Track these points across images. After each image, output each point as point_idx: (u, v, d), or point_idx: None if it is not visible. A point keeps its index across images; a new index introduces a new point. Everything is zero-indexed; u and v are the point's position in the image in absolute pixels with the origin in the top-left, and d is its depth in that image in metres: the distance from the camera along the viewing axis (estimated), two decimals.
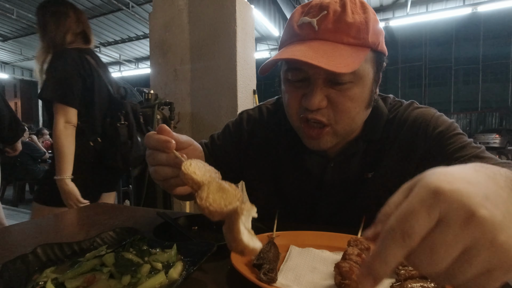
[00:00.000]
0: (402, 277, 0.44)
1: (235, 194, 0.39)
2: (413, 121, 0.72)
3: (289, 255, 0.54)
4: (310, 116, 0.63)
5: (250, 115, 0.87)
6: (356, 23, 0.59)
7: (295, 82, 0.65)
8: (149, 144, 0.50)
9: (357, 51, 0.59)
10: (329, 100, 0.62)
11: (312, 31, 0.60)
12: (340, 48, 0.58)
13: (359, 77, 0.61)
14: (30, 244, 0.63)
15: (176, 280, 0.42)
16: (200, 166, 0.43)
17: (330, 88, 0.62)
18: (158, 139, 0.48)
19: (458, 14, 10.04)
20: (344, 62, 0.56)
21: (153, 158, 0.50)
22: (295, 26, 0.63)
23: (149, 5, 8.91)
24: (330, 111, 0.63)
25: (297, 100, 0.65)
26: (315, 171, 0.76)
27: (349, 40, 0.59)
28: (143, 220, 0.84)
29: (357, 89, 0.62)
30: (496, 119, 21.42)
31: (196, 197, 0.38)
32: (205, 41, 2.39)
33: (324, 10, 0.60)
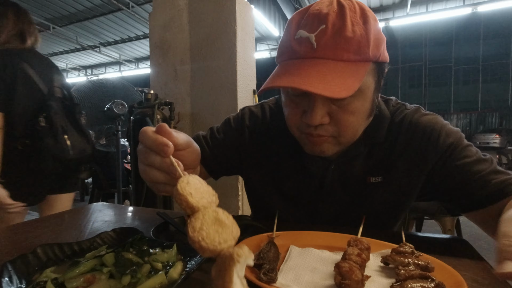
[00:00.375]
0: (402, 277, 0.44)
1: (232, 230, 0.35)
2: (423, 129, 0.71)
3: (289, 255, 0.54)
4: (313, 132, 0.62)
5: (252, 111, 0.86)
6: (356, 37, 0.56)
7: (295, 97, 0.64)
8: (143, 141, 0.44)
9: (357, 68, 0.57)
10: (330, 116, 0.61)
11: (310, 49, 0.57)
12: (340, 67, 0.56)
13: (360, 91, 0.59)
14: (30, 244, 0.63)
15: (176, 280, 0.42)
16: (198, 187, 0.38)
17: (331, 104, 0.60)
18: (155, 140, 0.42)
19: (458, 14, 10.02)
20: (344, 84, 0.54)
21: (146, 158, 0.44)
22: (293, 40, 0.60)
23: (149, 5, 8.91)
24: (332, 127, 0.62)
25: (298, 116, 0.64)
26: (316, 173, 0.76)
27: (349, 56, 0.56)
28: (143, 220, 0.84)
29: (358, 103, 0.61)
30: (496, 119, 21.41)
31: (187, 224, 0.34)
32: (205, 41, 2.39)
33: (323, 23, 0.56)
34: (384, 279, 0.47)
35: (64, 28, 10.86)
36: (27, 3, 8.41)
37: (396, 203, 0.75)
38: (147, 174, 0.45)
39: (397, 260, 0.48)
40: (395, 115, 0.75)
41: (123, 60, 15.32)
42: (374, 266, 0.52)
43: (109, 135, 2.69)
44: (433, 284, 0.41)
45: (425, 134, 0.70)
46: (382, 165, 0.73)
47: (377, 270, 0.51)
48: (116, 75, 16.89)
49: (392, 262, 0.50)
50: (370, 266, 0.51)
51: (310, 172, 0.77)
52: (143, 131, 0.44)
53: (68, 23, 10.61)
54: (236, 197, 2.31)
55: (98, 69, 18.06)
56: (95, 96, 2.57)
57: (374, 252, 0.55)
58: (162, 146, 0.42)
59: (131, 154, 2.33)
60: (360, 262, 0.46)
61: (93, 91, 2.57)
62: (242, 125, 0.84)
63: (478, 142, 18.30)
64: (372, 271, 0.50)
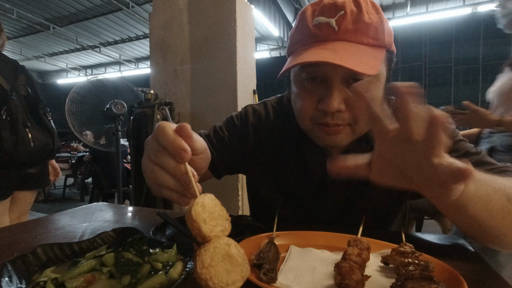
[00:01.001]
0: (402, 277, 0.44)
1: (242, 268, 0.33)
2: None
3: (289, 255, 0.54)
4: (330, 121, 0.62)
5: (255, 109, 0.86)
6: (373, 23, 0.59)
7: (310, 83, 0.63)
8: (160, 138, 0.39)
9: (376, 52, 0.59)
10: (346, 103, 0.61)
11: (332, 32, 0.59)
12: (362, 49, 0.58)
13: (376, 77, 0.61)
14: (30, 244, 0.63)
15: (176, 280, 0.42)
16: (212, 211, 0.35)
17: (347, 90, 0.60)
18: (174, 142, 0.38)
19: (458, 14, 10.03)
20: (369, 64, 0.56)
21: (157, 157, 0.40)
22: (311, 26, 0.61)
23: (149, 5, 8.90)
24: (349, 114, 0.62)
25: (313, 105, 0.63)
26: (318, 171, 0.76)
27: (368, 40, 0.59)
28: (143, 220, 0.84)
29: (374, 89, 0.62)
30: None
31: (196, 255, 0.32)
32: (205, 41, 2.39)
33: (341, 10, 0.58)
34: (384, 279, 0.47)
35: (64, 28, 10.85)
36: (27, 3, 8.41)
37: (394, 198, 0.75)
38: (155, 175, 0.40)
39: (397, 260, 0.48)
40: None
41: (123, 60, 15.32)
42: (374, 266, 0.52)
43: (109, 135, 2.69)
44: (433, 284, 0.41)
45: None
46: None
47: (377, 270, 0.51)
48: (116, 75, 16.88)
49: (392, 262, 0.50)
50: (370, 266, 0.51)
51: (311, 170, 0.77)
52: (162, 127, 0.39)
53: (68, 23, 10.60)
54: (236, 197, 2.31)
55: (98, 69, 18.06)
56: (94, 96, 2.57)
57: (374, 252, 0.55)
58: (180, 151, 0.38)
59: (131, 154, 2.33)
60: (360, 262, 0.46)
61: (92, 91, 2.57)
62: (247, 122, 0.84)
63: None
64: (372, 271, 0.50)
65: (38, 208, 4.81)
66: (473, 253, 0.59)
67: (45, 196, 5.27)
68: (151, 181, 0.42)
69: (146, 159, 0.42)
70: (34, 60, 15.58)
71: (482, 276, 0.49)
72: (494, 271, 0.50)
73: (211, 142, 0.84)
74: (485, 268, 0.52)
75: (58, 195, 5.85)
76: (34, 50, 13.95)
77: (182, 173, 0.38)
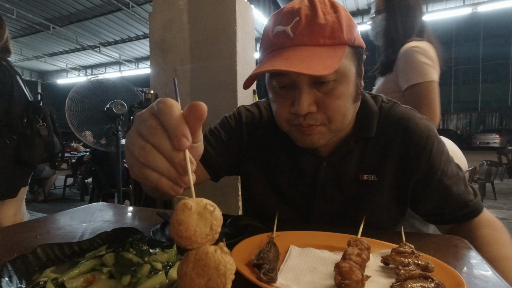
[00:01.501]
0: (402, 277, 0.44)
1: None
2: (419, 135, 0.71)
3: (289, 255, 0.54)
4: (303, 122, 0.64)
5: (248, 110, 0.88)
6: (329, 23, 0.60)
7: (281, 89, 0.66)
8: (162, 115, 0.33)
9: (334, 51, 0.60)
10: (317, 104, 0.63)
11: (288, 39, 0.61)
12: (318, 51, 0.59)
13: (342, 74, 0.62)
14: (30, 244, 0.64)
15: (176, 280, 0.42)
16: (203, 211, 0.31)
17: (317, 91, 0.63)
18: (179, 126, 0.32)
19: (458, 14, 10.03)
20: (323, 64, 0.57)
21: (151, 134, 0.33)
22: (271, 36, 0.64)
23: (149, 5, 8.91)
24: (321, 115, 0.64)
25: (287, 108, 0.66)
26: (309, 171, 0.77)
27: (325, 41, 0.60)
28: (143, 220, 0.84)
29: (342, 87, 0.63)
30: (496, 119, 21.42)
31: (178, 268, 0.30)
32: (205, 41, 2.39)
33: (296, 16, 0.60)
34: (384, 279, 0.47)
35: (64, 28, 10.86)
36: (27, 3, 8.42)
37: (391, 205, 0.75)
38: (145, 153, 0.33)
39: (397, 260, 0.49)
40: (388, 111, 0.75)
41: (123, 60, 15.32)
42: (374, 266, 0.52)
43: (109, 135, 2.69)
44: (433, 284, 0.41)
45: (421, 141, 0.70)
46: (375, 163, 0.73)
47: (377, 270, 0.51)
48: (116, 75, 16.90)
49: (392, 262, 0.50)
50: (370, 266, 0.51)
51: (303, 171, 0.77)
52: (170, 104, 0.33)
53: (68, 23, 10.62)
54: (236, 197, 2.31)
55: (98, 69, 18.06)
56: (95, 96, 2.58)
57: (374, 252, 0.55)
58: (181, 137, 0.32)
59: None
60: (360, 262, 0.46)
61: (92, 90, 2.58)
62: (240, 122, 0.85)
63: (478, 142, 18.29)
64: (372, 271, 0.50)
65: (38, 208, 4.81)
66: (473, 253, 0.59)
67: (45, 196, 5.27)
68: (137, 160, 0.34)
69: (134, 134, 0.34)
70: (34, 60, 15.59)
71: (482, 276, 0.49)
72: (493, 270, 0.50)
73: (208, 141, 0.84)
74: (485, 268, 0.52)
75: (58, 195, 5.85)
76: (34, 50, 13.96)
77: (180, 158, 0.33)
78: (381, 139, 0.73)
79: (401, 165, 0.72)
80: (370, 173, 0.73)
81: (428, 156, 0.70)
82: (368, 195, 0.73)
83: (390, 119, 0.74)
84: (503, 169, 7.49)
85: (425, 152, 0.70)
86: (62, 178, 5.81)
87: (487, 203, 4.99)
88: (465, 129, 21.73)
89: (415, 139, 0.71)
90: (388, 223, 0.77)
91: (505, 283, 0.46)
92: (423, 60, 1.23)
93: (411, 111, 0.75)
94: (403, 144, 0.72)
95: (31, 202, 5.15)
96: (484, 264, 0.53)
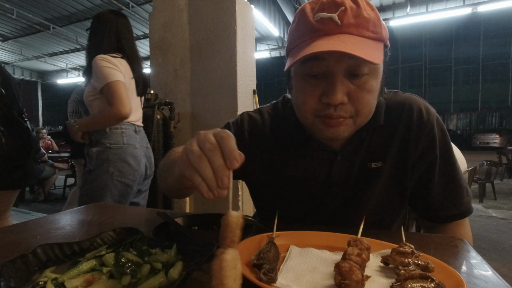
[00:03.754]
0: (402, 277, 0.44)
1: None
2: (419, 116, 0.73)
3: (289, 255, 0.54)
4: (334, 113, 0.63)
5: (251, 116, 0.87)
6: (371, 18, 0.61)
7: (312, 78, 0.64)
8: (224, 142, 0.42)
9: (377, 45, 0.62)
10: (348, 96, 0.63)
11: (335, 26, 0.60)
12: (365, 42, 0.60)
13: (375, 69, 0.63)
14: (30, 244, 0.63)
15: (176, 280, 0.42)
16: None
17: (350, 83, 0.62)
18: (234, 150, 0.42)
19: (458, 14, 10.03)
20: (374, 54, 0.58)
21: (209, 150, 0.42)
22: (313, 22, 0.62)
23: (149, 5, 8.91)
24: (351, 106, 0.64)
25: (316, 98, 0.64)
26: (323, 168, 0.76)
27: (369, 34, 0.61)
28: (143, 220, 0.84)
29: (374, 81, 0.64)
30: (496, 119, 21.41)
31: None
32: (205, 41, 2.39)
33: (341, 5, 0.60)
34: (384, 279, 0.47)
35: (64, 28, 10.85)
36: (27, 3, 8.41)
37: (393, 188, 0.76)
38: (199, 161, 0.42)
39: (397, 260, 0.48)
40: (391, 99, 0.77)
41: None
42: (374, 266, 0.52)
43: None
44: (433, 284, 0.41)
45: (422, 118, 0.73)
46: (381, 149, 0.74)
47: (377, 270, 0.51)
48: None
49: (392, 262, 0.50)
50: (370, 266, 0.51)
51: (315, 169, 0.77)
52: (228, 134, 0.43)
53: (68, 23, 10.61)
54: (236, 197, 2.31)
55: None
56: None
57: (374, 252, 0.55)
58: (233, 159, 0.42)
59: None
60: (360, 262, 0.46)
61: None
62: (242, 129, 0.85)
63: (478, 142, 18.29)
64: (372, 271, 0.50)
65: (38, 208, 4.81)
66: (473, 253, 0.59)
67: (45, 196, 5.27)
68: (190, 164, 0.43)
69: (195, 145, 0.43)
70: (34, 60, 15.58)
71: (482, 276, 0.49)
72: (493, 270, 0.50)
73: None
74: (485, 268, 0.52)
75: (58, 195, 5.84)
76: (34, 50, 13.95)
77: (225, 175, 0.41)
78: (387, 126, 0.74)
79: (404, 145, 0.73)
80: (377, 161, 0.74)
81: (429, 131, 0.72)
82: (373, 181, 0.74)
83: (394, 105, 0.75)
84: (503, 169, 7.49)
85: (427, 128, 0.72)
86: (62, 178, 5.80)
87: (487, 203, 4.99)
88: (465, 129, 21.73)
89: (416, 117, 0.73)
90: (389, 210, 0.78)
91: (505, 283, 0.46)
92: (105, 65, 1.52)
93: (412, 96, 0.77)
94: (406, 125, 0.73)
95: (31, 202, 5.15)
96: (484, 264, 0.53)
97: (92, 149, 1.62)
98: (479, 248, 0.70)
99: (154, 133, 2.19)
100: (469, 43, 21.81)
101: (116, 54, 1.62)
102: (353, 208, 0.76)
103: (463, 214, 0.75)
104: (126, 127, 1.65)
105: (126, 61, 1.65)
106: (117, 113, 1.48)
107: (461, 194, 0.75)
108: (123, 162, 1.60)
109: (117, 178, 1.59)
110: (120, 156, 1.60)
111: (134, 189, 1.69)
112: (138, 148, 1.67)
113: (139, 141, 1.71)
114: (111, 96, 1.49)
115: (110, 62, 1.54)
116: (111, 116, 1.51)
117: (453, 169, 0.75)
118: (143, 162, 1.71)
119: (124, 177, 1.61)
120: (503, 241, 3.30)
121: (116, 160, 1.59)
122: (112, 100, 1.49)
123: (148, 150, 1.81)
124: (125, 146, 1.62)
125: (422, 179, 0.75)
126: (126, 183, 1.62)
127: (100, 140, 1.61)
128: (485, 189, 5.17)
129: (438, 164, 0.73)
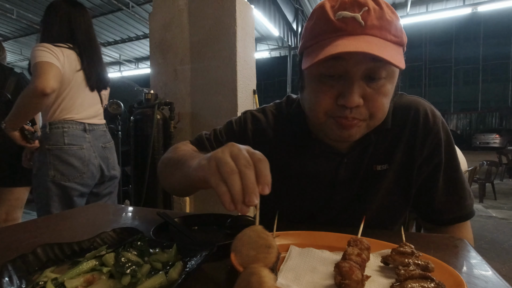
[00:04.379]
0: (402, 277, 0.44)
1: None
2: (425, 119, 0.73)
3: (289, 255, 0.54)
4: (349, 115, 0.62)
5: (254, 115, 0.85)
6: (393, 21, 0.60)
7: (328, 79, 0.63)
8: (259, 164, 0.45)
9: (398, 49, 0.61)
10: (364, 99, 0.62)
11: (358, 26, 0.58)
12: (389, 45, 0.59)
13: (393, 74, 0.62)
14: (30, 244, 0.63)
15: (176, 280, 0.42)
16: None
17: (366, 86, 0.61)
18: (268, 174, 0.45)
19: (458, 14, 10.02)
20: (398, 58, 0.57)
21: (243, 165, 0.44)
22: (334, 20, 0.60)
23: (149, 5, 8.90)
24: (366, 109, 0.63)
25: (331, 99, 0.63)
26: (329, 170, 0.76)
27: (391, 37, 0.60)
28: (143, 220, 0.84)
29: (390, 85, 0.63)
30: (496, 119, 21.41)
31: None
32: (205, 41, 2.39)
33: (364, 6, 0.59)
34: (384, 279, 0.47)
35: None
36: (27, 3, 8.42)
37: (397, 189, 0.75)
38: (230, 173, 0.43)
39: (397, 260, 0.48)
40: (397, 101, 0.76)
41: (123, 60, 15.32)
42: (374, 266, 0.52)
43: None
44: (433, 284, 0.41)
45: (428, 122, 0.73)
46: (387, 152, 0.74)
47: (377, 270, 0.51)
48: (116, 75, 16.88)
49: (392, 262, 0.50)
50: (370, 266, 0.51)
51: (321, 171, 0.77)
52: (265, 159, 0.46)
53: None
54: None
55: None
56: None
57: (374, 252, 0.55)
58: (265, 184, 0.44)
59: (131, 154, 2.32)
60: (360, 262, 0.46)
61: None
62: (245, 128, 0.84)
63: (478, 142, 18.29)
64: (372, 271, 0.50)
65: None
66: (473, 253, 0.59)
67: None
68: (219, 173, 0.44)
69: (227, 157, 0.45)
70: None
71: (482, 276, 0.49)
72: (493, 270, 0.50)
73: (212, 146, 0.83)
74: (485, 268, 0.52)
75: None
76: None
77: (254, 193, 0.42)
78: (393, 129, 0.74)
79: (410, 148, 0.73)
80: (383, 163, 0.74)
81: (435, 135, 0.72)
82: (378, 183, 0.74)
83: (400, 108, 0.75)
84: (503, 169, 7.49)
85: (432, 132, 0.72)
86: None
87: (487, 203, 4.99)
88: (465, 129, 21.74)
89: (422, 121, 0.73)
90: (392, 213, 0.78)
91: (505, 283, 0.46)
92: (40, 49, 1.41)
93: (418, 98, 0.77)
94: (412, 128, 0.73)
95: (31, 202, 5.15)
96: (484, 264, 0.53)
97: (36, 152, 1.52)
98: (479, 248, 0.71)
99: (154, 133, 2.20)
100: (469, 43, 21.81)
101: (63, 45, 1.50)
102: (356, 210, 0.76)
103: (466, 216, 0.75)
104: (69, 126, 1.50)
105: (75, 52, 1.54)
106: (34, 88, 1.33)
107: (464, 197, 0.75)
108: (66, 164, 1.46)
109: (59, 182, 1.46)
110: (61, 157, 1.46)
111: (84, 193, 1.54)
112: (85, 149, 1.53)
113: (90, 140, 1.56)
114: (33, 74, 1.36)
115: (47, 48, 1.41)
116: (29, 93, 1.36)
117: (457, 172, 0.74)
118: (95, 164, 1.56)
119: (68, 181, 1.47)
120: (503, 241, 3.30)
121: (57, 163, 1.45)
122: (32, 77, 1.36)
123: (106, 150, 1.65)
124: (66, 146, 1.47)
125: (427, 182, 0.75)
126: (73, 187, 1.48)
127: (41, 142, 1.49)
128: (485, 189, 5.17)
129: (443, 167, 0.73)
